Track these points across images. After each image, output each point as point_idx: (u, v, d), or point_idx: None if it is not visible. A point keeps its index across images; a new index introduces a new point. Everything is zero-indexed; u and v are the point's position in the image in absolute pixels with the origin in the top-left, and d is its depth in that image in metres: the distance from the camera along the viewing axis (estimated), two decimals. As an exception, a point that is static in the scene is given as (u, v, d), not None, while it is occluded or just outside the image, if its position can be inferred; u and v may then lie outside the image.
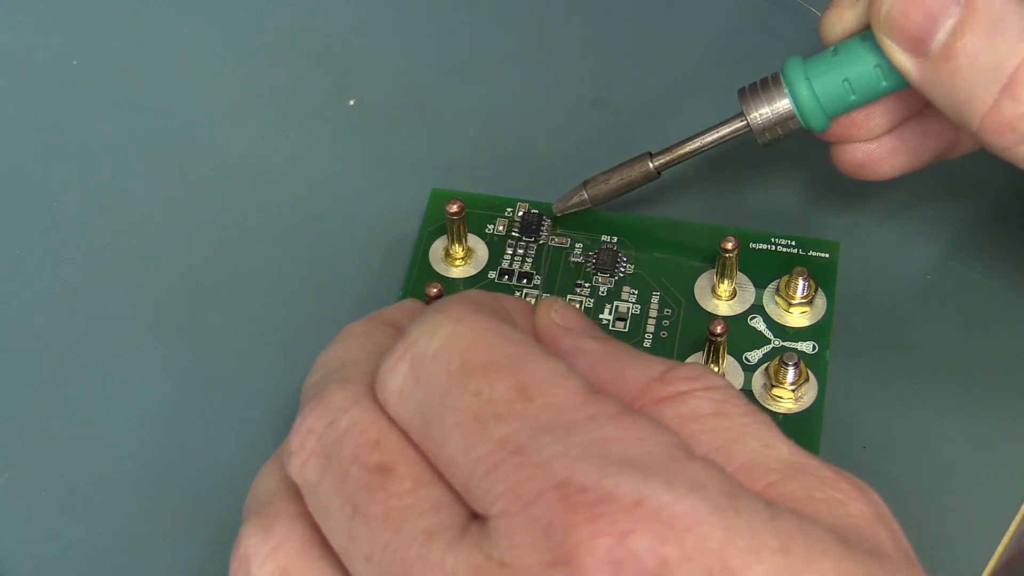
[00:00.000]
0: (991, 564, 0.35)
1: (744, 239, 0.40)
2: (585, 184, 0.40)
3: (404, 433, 0.27)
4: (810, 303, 0.39)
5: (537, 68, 0.47)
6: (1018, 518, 0.36)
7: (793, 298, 0.38)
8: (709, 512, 0.24)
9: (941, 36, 0.33)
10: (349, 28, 0.48)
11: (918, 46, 0.34)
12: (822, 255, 0.40)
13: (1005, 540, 0.36)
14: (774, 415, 0.37)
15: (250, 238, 0.43)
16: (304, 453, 0.27)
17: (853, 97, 0.36)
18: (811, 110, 0.37)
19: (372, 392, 0.27)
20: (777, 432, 0.28)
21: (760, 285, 0.39)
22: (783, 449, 0.27)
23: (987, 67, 0.33)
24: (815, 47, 0.37)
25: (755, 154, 0.42)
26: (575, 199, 0.40)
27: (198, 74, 0.47)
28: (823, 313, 0.39)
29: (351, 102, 0.46)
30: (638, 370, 0.29)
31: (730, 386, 0.28)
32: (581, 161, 0.44)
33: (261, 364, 0.40)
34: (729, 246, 0.38)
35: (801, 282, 0.38)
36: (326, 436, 0.27)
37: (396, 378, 0.26)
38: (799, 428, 0.36)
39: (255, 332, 0.40)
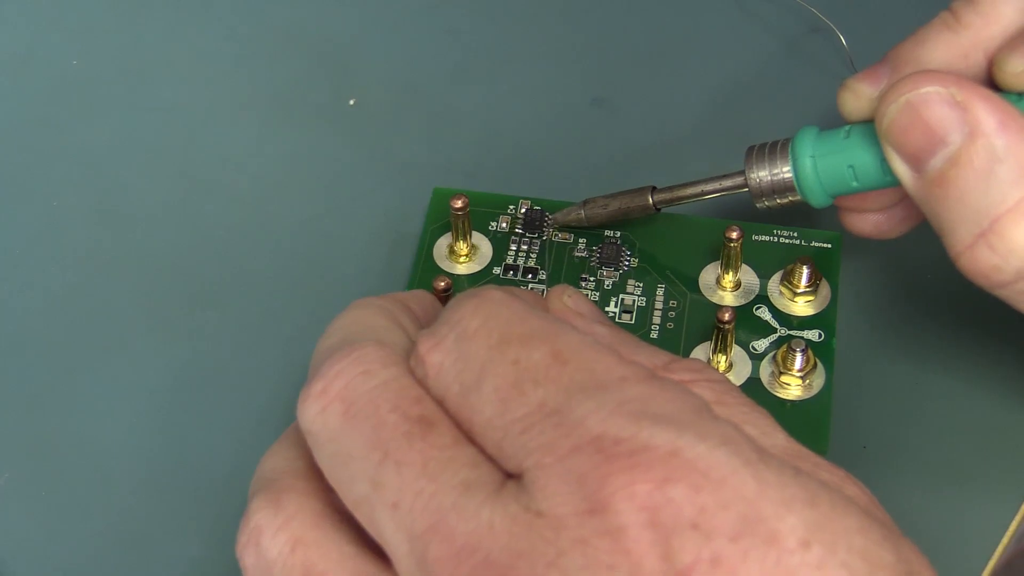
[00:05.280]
0: (991, 564, 0.35)
1: (747, 231, 0.40)
2: (584, 203, 0.40)
3: (440, 403, 0.27)
4: (815, 292, 0.39)
5: (537, 68, 0.47)
6: (1018, 518, 0.36)
7: (798, 287, 0.38)
8: (742, 464, 0.24)
9: (938, 161, 0.32)
10: (349, 28, 0.48)
11: (916, 163, 0.33)
12: (824, 246, 0.40)
13: (1005, 540, 0.36)
14: (783, 402, 0.37)
15: (252, 238, 0.42)
16: (327, 397, 0.27)
17: (855, 184, 0.35)
18: (811, 188, 0.36)
19: (407, 362, 0.28)
20: (774, 423, 0.28)
21: (764, 276, 0.39)
22: (780, 437, 0.28)
23: (973, 207, 0.32)
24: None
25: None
26: (573, 216, 0.40)
27: (198, 74, 0.47)
28: (828, 302, 0.39)
29: (351, 102, 0.46)
30: (643, 357, 0.29)
31: (729, 381, 0.29)
32: (582, 160, 0.44)
33: (264, 364, 0.39)
34: (734, 235, 0.38)
35: (806, 271, 0.38)
36: (357, 383, 0.27)
37: (437, 356, 0.27)
38: (809, 415, 0.37)
39: (258, 332, 0.40)
